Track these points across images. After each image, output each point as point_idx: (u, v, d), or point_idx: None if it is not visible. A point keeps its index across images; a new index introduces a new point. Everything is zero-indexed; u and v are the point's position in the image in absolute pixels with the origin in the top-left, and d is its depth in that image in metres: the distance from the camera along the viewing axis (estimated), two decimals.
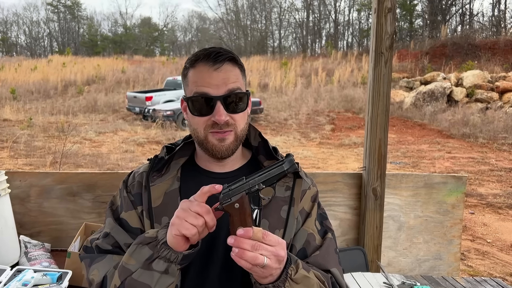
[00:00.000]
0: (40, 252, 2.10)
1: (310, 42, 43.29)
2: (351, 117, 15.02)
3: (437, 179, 2.50)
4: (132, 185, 1.17)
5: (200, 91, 1.07)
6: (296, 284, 0.94)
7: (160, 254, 0.92)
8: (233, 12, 48.61)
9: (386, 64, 2.28)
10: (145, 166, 1.20)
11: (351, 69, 22.63)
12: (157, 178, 1.14)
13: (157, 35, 54.94)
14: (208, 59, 1.08)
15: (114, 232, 1.11)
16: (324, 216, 1.21)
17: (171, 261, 0.92)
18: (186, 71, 1.13)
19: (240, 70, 1.13)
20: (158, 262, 0.93)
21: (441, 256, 2.52)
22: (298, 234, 1.12)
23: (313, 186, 1.22)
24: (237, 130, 1.10)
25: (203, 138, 1.10)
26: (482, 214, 5.97)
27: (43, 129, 12.14)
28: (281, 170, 0.91)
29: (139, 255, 0.95)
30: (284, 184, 1.13)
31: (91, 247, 1.12)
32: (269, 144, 1.20)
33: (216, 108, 1.05)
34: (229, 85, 1.07)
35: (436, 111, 14.25)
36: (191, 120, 1.12)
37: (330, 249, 1.13)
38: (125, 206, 1.15)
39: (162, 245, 0.93)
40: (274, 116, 15.41)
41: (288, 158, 0.92)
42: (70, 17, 52.98)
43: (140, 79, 23.11)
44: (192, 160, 1.20)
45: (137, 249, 0.96)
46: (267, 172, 0.91)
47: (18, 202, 2.32)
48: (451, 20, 33.87)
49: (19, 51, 50.36)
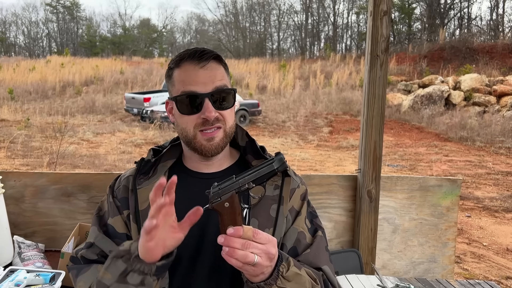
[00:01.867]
0: (33, 253, 2.09)
1: (308, 45, 43.40)
2: (349, 120, 15.05)
3: (432, 182, 2.50)
4: (118, 190, 1.16)
5: (187, 89, 1.07)
6: (288, 281, 0.93)
7: (134, 267, 0.90)
8: (232, 14, 48.72)
9: (381, 67, 2.29)
10: (131, 170, 1.19)
11: (349, 71, 22.69)
12: (144, 181, 1.13)
13: (156, 36, 55.00)
14: (194, 57, 1.08)
15: (98, 241, 1.10)
16: (314, 214, 1.21)
17: (145, 273, 0.90)
18: (170, 71, 1.13)
19: (224, 69, 1.14)
20: (132, 275, 0.90)
21: (435, 258, 2.53)
22: (288, 233, 1.12)
23: (302, 184, 1.22)
24: (226, 126, 1.10)
25: (192, 138, 1.09)
26: (479, 217, 5.98)
27: (40, 130, 12.11)
28: (271, 169, 0.91)
29: (113, 269, 0.93)
30: (273, 183, 1.13)
31: (77, 258, 1.12)
32: (256, 144, 1.20)
33: (204, 106, 1.06)
34: (216, 83, 1.08)
35: (434, 114, 14.29)
36: (178, 120, 1.12)
37: (320, 246, 1.13)
38: (111, 212, 1.14)
39: (134, 258, 0.90)
40: (272, 118, 15.43)
41: (278, 157, 0.92)
42: (69, 17, 52.99)
43: (138, 80, 23.10)
44: (179, 162, 1.20)
45: (112, 263, 0.94)
46: (257, 171, 0.91)
47: (12, 202, 2.31)
48: (449, 24, 34.02)
49: (17, 51, 50.32)
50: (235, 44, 47.46)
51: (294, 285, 0.95)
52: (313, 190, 2.39)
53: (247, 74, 23.90)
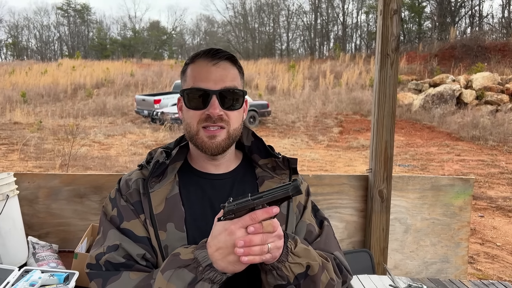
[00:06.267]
0: (47, 253, 2.12)
1: (318, 45, 43.30)
2: (359, 120, 14.97)
3: (444, 181, 2.48)
4: (129, 194, 1.12)
5: (197, 85, 1.08)
6: (298, 257, 0.97)
7: (204, 276, 0.91)
8: (241, 15, 48.80)
9: (392, 66, 2.28)
10: (137, 173, 1.17)
11: (359, 71, 22.58)
12: (155, 184, 1.12)
13: (166, 38, 55.30)
14: (208, 55, 1.10)
15: (125, 244, 1.05)
16: (316, 208, 1.25)
17: (215, 282, 0.92)
18: (185, 67, 1.15)
19: (238, 71, 1.14)
20: (202, 285, 0.91)
21: (448, 259, 2.50)
22: (298, 226, 1.16)
23: (304, 181, 1.27)
24: (229, 128, 1.09)
25: (195, 133, 1.09)
26: (492, 217, 5.91)
27: (52, 132, 12.26)
28: (286, 194, 0.92)
29: (179, 280, 0.92)
30: (281, 181, 1.17)
31: (97, 264, 1.05)
32: (264, 143, 1.20)
33: (211, 102, 1.06)
34: (226, 82, 1.08)
35: (445, 114, 14.15)
36: (185, 115, 1.12)
37: (329, 234, 1.18)
38: (126, 216, 1.10)
39: (207, 267, 0.91)
40: (282, 118, 15.41)
41: (294, 183, 0.94)
42: (79, 21, 53.58)
43: (148, 82, 23.26)
44: (187, 163, 1.19)
45: (174, 273, 0.93)
46: (273, 195, 0.93)
47: (26, 204, 2.34)
48: (460, 22, 33.68)
49: (29, 55, 51.01)
50: (244, 45, 47.53)
51: (305, 260, 0.98)
52: (324, 190, 2.38)
53: (257, 75, 23.91)
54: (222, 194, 1.13)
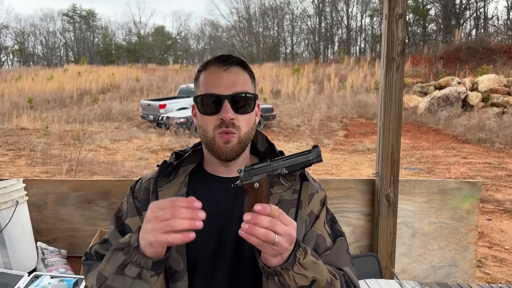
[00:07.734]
0: (56, 259, 2.14)
1: (322, 48, 43.29)
2: (364, 123, 14.93)
3: (451, 185, 2.47)
4: (139, 191, 1.18)
5: (209, 91, 1.11)
6: (304, 269, 0.93)
7: (132, 259, 0.91)
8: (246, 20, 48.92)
9: (397, 70, 2.28)
10: (153, 173, 1.21)
11: (364, 74, 22.53)
12: (165, 183, 1.15)
13: (171, 43, 55.54)
14: (219, 61, 1.13)
15: (112, 238, 1.13)
16: (334, 220, 1.21)
17: (142, 266, 0.91)
18: (198, 74, 1.17)
19: (249, 76, 1.16)
20: (130, 267, 0.91)
21: (456, 263, 2.49)
22: (307, 236, 1.12)
23: (321, 190, 1.22)
24: (240, 133, 1.11)
25: (211, 139, 1.11)
26: (500, 220, 5.87)
27: (59, 137, 12.33)
28: (306, 159, 0.90)
29: (113, 261, 0.94)
30: (291, 187, 1.13)
31: (90, 253, 1.15)
32: (276, 148, 1.21)
33: (223, 107, 1.09)
34: (237, 87, 1.11)
35: (451, 116, 14.08)
36: (200, 121, 1.14)
37: (341, 249, 1.13)
38: (130, 212, 1.16)
39: (133, 249, 0.92)
40: (287, 122, 15.41)
41: (316, 149, 0.92)
42: (85, 27, 53.96)
43: (154, 87, 23.35)
44: (200, 166, 1.21)
45: (112, 255, 0.95)
46: (292, 159, 0.91)
47: (35, 209, 2.37)
48: (465, 24, 33.56)
49: (36, 61, 51.39)
50: (248, 49, 47.61)
51: (311, 274, 0.94)
52: (331, 195, 2.39)
53: (261, 79, 23.94)
54: (229, 197, 1.13)
